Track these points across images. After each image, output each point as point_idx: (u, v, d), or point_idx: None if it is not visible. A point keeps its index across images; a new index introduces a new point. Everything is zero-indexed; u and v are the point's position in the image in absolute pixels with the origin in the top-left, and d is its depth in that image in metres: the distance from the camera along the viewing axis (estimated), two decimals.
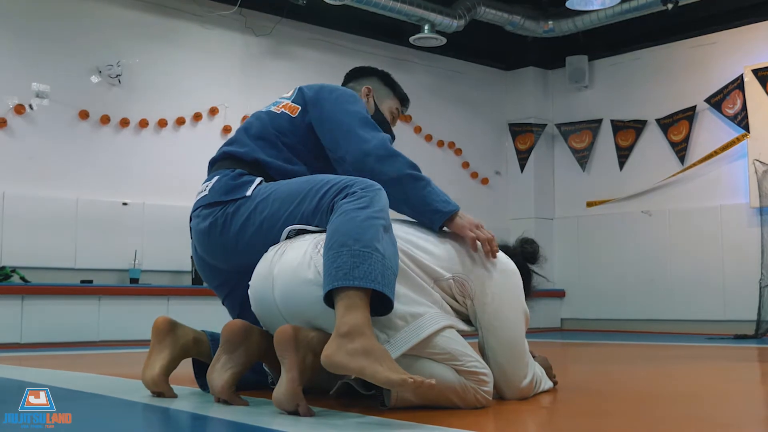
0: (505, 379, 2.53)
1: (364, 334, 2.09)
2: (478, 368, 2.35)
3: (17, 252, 6.36)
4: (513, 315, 2.56)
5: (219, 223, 2.63)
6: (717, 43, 8.42)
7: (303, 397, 2.18)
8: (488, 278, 2.53)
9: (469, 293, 2.49)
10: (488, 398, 2.37)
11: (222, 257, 2.68)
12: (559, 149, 9.63)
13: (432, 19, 8.05)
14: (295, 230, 2.49)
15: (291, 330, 2.20)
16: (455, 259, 2.51)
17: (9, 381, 3.32)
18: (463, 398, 2.32)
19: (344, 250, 2.19)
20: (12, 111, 6.53)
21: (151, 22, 7.32)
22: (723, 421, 2.29)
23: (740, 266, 7.91)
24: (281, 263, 2.38)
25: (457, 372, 2.32)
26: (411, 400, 2.28)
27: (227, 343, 2.42)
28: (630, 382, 3.39)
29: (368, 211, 2.29)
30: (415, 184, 2.59)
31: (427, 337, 2.28)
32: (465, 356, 2.34)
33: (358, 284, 2.13)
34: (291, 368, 2.18)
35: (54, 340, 6.07)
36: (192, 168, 7.35)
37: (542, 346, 6.26)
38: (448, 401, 2.32)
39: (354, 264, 2.15)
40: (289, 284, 2.32)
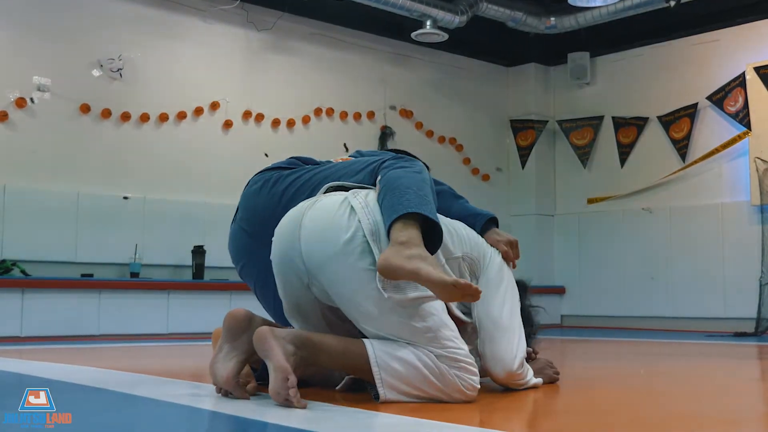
0: (497, 358, 2.55)
1: (419, 245, 2.26)
2: (460, 356, 2.35)
3: (18, 245, 6.36)
4: (510, 296, 2.63)
5: (271, 180, 2.75)
6: (719, 41, 8.41)
7: (293, 387, 2.18)
8: (492, 261, 2.63)
9: (476, 272, 2.59)
10: (474, 387, 2.36)
11: (261, 216, 2.71)
12: (561, 146, 9.62)
13: (434, 14, 8.04)
14: (334, 186, 2.57)
15: (267, 329, 2.26)
16: (466, 240, 2.60)
17: (9, 375, 3.32)
18: (444, 385, 2.32)
19: (410, 191, 2.37)
20: (13, 104, 6.53)
21: (153, 16, 7.31)
22: (723, 418, 2.29)
23: (741, 264, 7.91)
24: (313, 209, 2.43)
25: (438, 358, 2.32)
26: (401, 389, 2.30)
27: (229, 332, 2.43)
28: (630, 379, 3.39)
29: (422, 175, 2.51)
30: (456, 199, 2.92)
31: (419, 302, 2.31)
32: (449, 341, 2.35)
33: (426, 212, 2.32)
34: (277, 361, 2.20)
35: (54, 334, 6.07)
36: (193, 162, 7.37)
37: (542, 342, 6.26)
38: (432, 387, 2.32)
39: (420, 203, 2.34)
40: (319, 226, 2.38)
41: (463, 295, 2.24)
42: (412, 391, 2.32)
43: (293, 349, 2.25)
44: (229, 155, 7.45)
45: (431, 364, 2.31)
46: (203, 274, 6.90)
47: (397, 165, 2.55)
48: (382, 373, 2.29)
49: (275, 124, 7.87)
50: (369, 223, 2.35)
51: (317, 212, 2.41)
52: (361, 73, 8.57)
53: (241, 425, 2.04)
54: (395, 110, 8.77)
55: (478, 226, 2.74)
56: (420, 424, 2.03)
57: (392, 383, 2.29)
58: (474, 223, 2.74)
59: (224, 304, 6.46)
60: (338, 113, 8.31)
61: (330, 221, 2.37)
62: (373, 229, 2.34)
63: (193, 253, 6.94)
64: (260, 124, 7.79)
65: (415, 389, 2.32)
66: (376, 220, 2.36)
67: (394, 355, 2.30)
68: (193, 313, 6.57)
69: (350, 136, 8.33)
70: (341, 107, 8.34)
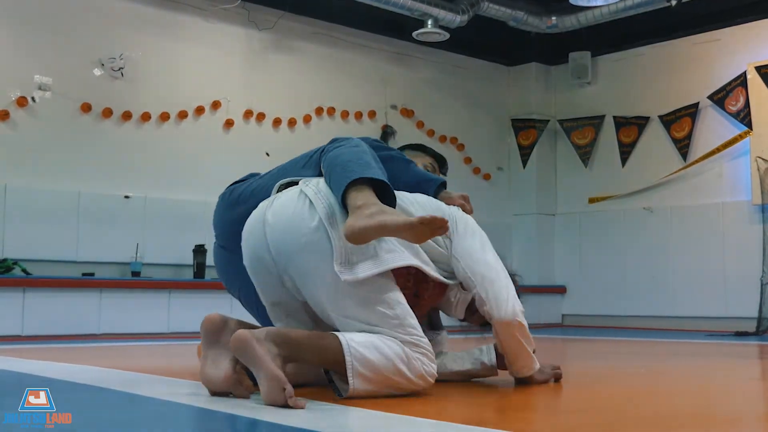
0: (501, 298, 2.65)
1: (376, 202, 2.36)
2: (423, 343, 2.43)
3: (19, 244, 6.37)
4: (487, 243, 2.73)
5: (227, 194, 2.96)
6: (720, 40, 8.40)
7: (291, 396, 2.18)
8: (456, 218, 2.72)
9: (449, 232, 2.66)
10: (433, 374, 2.44)
11: (228, 230, 2.85)
12: (562, 145, 9.62)
13: (435, 14, 8.03)
14: (285, 183, 2.65)
15: (246, 333, 2.27)
16: (426, 206, 2.69)
17: (10, 374, 3.32)
18: (410, 370, 2.38)
19: (351, 163, 2.47)
20: (14, 103, 6.53)
21: (154, 16, 7.31)
22: (723, 418, 2.29)
23: (741, 263, 7.91)
24: (273, 206, 2.52)
25: (404, 344, 2.39)
26: (371, 378, 2.33)
27: (206, 337, 2.50)
28: (630, 379, 3.39)
29: (360, 147, 2.61)
30: (406, 163, 2.90)
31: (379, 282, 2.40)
32: (413, 328, 2.43)
33: (370, 174, 2.41)
34: (268, 369, 2.21)
35: (55, 333, 6.07)
36: (194, 161, 7.37)
37: (543, 342, 6.27)
38: (399, 375, 2.36)
39: (363, 169, 2.44)
40: (282, 219, 2.46)
41: (433, 230, 2.32)
42: (381, 380, 2.35)
43: (276, 350, 2.27)
44: (230, 154, 7.45)
45: (400, 351, 2.37)
46: (204, 274, 6.90)
47: (333, 147, 2.66)
48: (354, 363, 2.32)
49: (276, 123, 7.87)
50: (324, 207, 2.43)
51: (278, 208, 2.50)
52: (362, 73, 8.57)
53: (242, 424, 2.04)
54: (396, 109, 8.77)
55: (431, 191, 2.84)
56: (421, 423, 2.03)
57: (363, 372, 2.32)
58: (426, 189, 2.83)
59: (225, 303, 6.44)
60: (339, 112, 8.31)
61: (292, 213, 2.46)
62: (329, 212, 2.42)
63: (194, 253, 6.94)
64: (261, 124, 7.80)
65: (383, 379, 2.35)
66: (329, 203, 2.44)
67: (367, 345, 2.34)
68: (194, 312, 6.52)
69: (351, 135, 8.29)
70: (342, 106, 8.34)
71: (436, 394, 2.75)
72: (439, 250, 2.66)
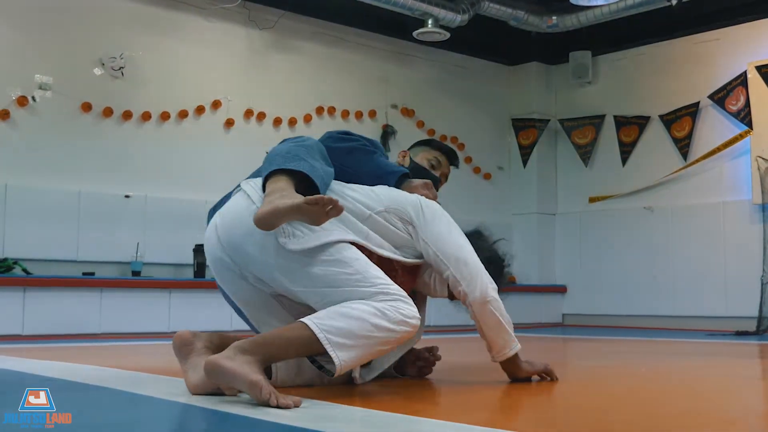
0: (475, 274, 2.69)
1: (280, 189, 2.44)
2: (392, 290, 2.46)
3: (19, 244, 6.37)
4: (453, 226, 2.79)
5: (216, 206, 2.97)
6: (721, 40, 8.40)
7: (270, 392, 2.18)
8: (420, 205, 2.76)
9: (407, 219, 2.72)
10: (415, 315, 2.46)
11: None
12: (562, 145, 9.62)
13: (435, 13, 8.03)
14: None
15: (214, 358, 2.28)
16: (385, 196, 2.75)
17: (10, 373, 3.32)
18: (389, 321, 2.39)
19: (278, 157, 2.57)
20: (15, 103, 6.53)
21: (155, 15, 7.31)
22: (724, 417, 2.29)
23: (742, 263, 7.91)
24: (221, 210, 2.70)
25: (372, 298, 2.42)
26: (351, 344, 2.34)
27: (179, 353, 2.58)
28: (631, 378, 3.39)
29: (302, 142, 2.70)
30: (369, 155, 2.93)
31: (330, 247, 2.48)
32: (377, 278, 2.47)
33: (288, 166, 2.52)
34: (245, 379, 2.21)
35: (55, 333, 6.07)
36: (194, 161, 7.37)
37: (544, 341, 6.27)
38: (379, 329, 2.38)
39: (284, 161, 2.55)
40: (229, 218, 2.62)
41: (326, 211, 2.37)
42: (363, 343, 2.36)
43: (249, 357, 2.28)
44: (230, 154, 7.45)
45: (368, 308, 2.39)
46: (205, 273, 6.90)
47: (279, 144, 2.76)
48: (328, 336, 2.33)
49: (277, 122, 7.87)
50: (259, 197, 2.56)
51: (225, 209, 2.68)
52: (363, 72, 8.57)
53: (242, 424, 2.04)
54: (397, 109, 8.77)
55: (393, 182, 2.88)
56: (422, 422, 2.03)
57: (341, 342, 2.33)
58: (388, 180, 2.88)
59: (225, 302, 6.46)
60: (340, 112, 8.31)
61: (235, 210, 2.62)
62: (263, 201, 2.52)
63: (194, 252, 6.94)
64: (262, 123, 7.80)
65: (364, 340, 2.36)
66: (262, 195, 2.53)
67: (333, 316, 2.37)
68: (195, 311, 6.56)
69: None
70: (343, 106, 8.35)
71: (437, 393, 2.75)
72: (401, 236, 2.72)
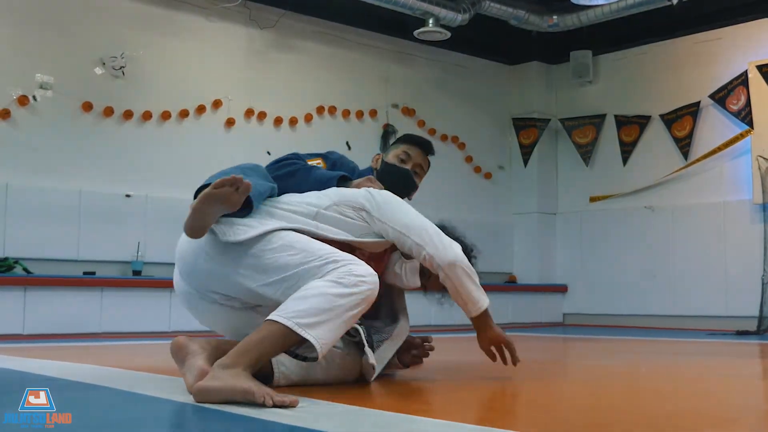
0: (445, 242, 2.79)
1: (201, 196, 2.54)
2: (339, 256, 2.53)
3: (20, 243, 6.37)
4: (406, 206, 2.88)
5: None
6: (721, 39, 8.40)
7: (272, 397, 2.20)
8: (371, 193, 2.87)
9: (359, 206, 2.81)
10: (370, 272, 2.52)
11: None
12: (563, 144, 9.62)
13: (436, 13, 8.03)
14: None
15: (200, 385, 2.31)
16: (334, 194, 2.87)
17: (11, 373, 3.32)
18: (346, 285, 2.45)
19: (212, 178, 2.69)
20: (15, 102, 6.53)
21: (156, 15, 7.31)
22: (724, 417, 2.29)
23: (743, 262, 7.91)
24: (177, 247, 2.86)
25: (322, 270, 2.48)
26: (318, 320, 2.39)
27: (176, 357, 2.63)
28: (631, 377, 3.40)
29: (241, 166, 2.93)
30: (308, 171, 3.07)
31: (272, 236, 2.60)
32: (321, 250, 2.56)
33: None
34: (244, 390, 2.24)
35: (56, 332, 6.08)
36: (195, 160, 7.36)
37: (544, 341, 6.27)
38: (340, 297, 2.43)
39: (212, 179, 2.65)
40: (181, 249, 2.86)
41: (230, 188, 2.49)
42: (331, 315, 2.41)
43: (235, 370, 2.32)
44: (231, 153, 7.42)
45: (321, 282, 2.46)
46: None
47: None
48: (296, 321, 2.38)
49: (278, 122, 7.87)
50: None
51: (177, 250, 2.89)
52: (364, 71, 8.57)
53: (243, 424, 2.04)
54: (398, 108, 8.77)
55: (334, 186, 3.00)
56: (423, 422, 2.03)
57: (310, 322, 2.38)
58: (330, 186, 3.00)
59: None
60: (341, 111, 8.31)
61: (181, 243, 2.84)
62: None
63: None
64: (262, 123, 7.80)
65: (331, 312, 2.41)
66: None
67: (294, 302, 2.42)
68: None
69: (353, 134, 8.33)
70: (344, 105, 8.35)
71: (436, 393, 2.75)
72: (357, 224, 2.79)
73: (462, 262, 2.80)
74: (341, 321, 2.44)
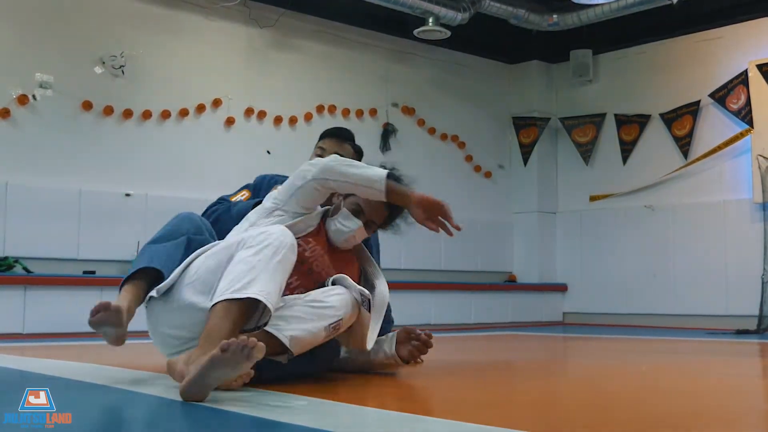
0: (311, 168, 2.90)
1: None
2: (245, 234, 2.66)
3: (20, 242, 6.37)
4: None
5: None
6: (721, 38, 8.40)
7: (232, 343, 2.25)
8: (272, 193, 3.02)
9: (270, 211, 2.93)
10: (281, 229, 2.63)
11: None
12: (563, 143, 9.61)
13: (436, 11, 8.03)
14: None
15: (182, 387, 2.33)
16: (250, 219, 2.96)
17: (11, 372, 3.32)
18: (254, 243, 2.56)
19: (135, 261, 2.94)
20: (15, 101, 6.53)
21: (155, 14, 7.31)
22: (724, 416, 2.29)
23: (743, 261, 7.91)
24: None
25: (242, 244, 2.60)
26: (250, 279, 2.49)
27: (171, 375, 2.70)
28: (631, 377, 3.40)
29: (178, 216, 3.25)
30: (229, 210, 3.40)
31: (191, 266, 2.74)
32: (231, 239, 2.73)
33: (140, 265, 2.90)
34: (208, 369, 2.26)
35: (56, 331, 6.07)
36: (195, 159, 7.37)
37: (544, 340, 6.27)
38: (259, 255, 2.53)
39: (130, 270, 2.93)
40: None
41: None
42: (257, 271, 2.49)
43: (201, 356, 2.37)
44: (231, 152, 7.45)
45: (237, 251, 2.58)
46: None
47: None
48: (228, 293, 2.47)
49: (277, 121, 7.87)
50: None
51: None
52: (364, 70, 8.57)
53: (244, 423, 2.04)
54: (397, 107, 8.77)
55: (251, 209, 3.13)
56: (423, 420, 2.03)
57: (242, 284, 2.48)
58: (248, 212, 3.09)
59: None
60: (340, 110, 8.31)
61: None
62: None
63: None
64: (262, 122, 7.79)
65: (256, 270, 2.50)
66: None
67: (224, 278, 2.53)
68: None
69: (352, 133, 8.31)
70: (343, 104, 8.34)
71: (437, 392, 2.75)
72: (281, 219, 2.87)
73: (336, 160, 2.89)
74: (270, 270, 2.51)
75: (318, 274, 2.83)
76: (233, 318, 2.47)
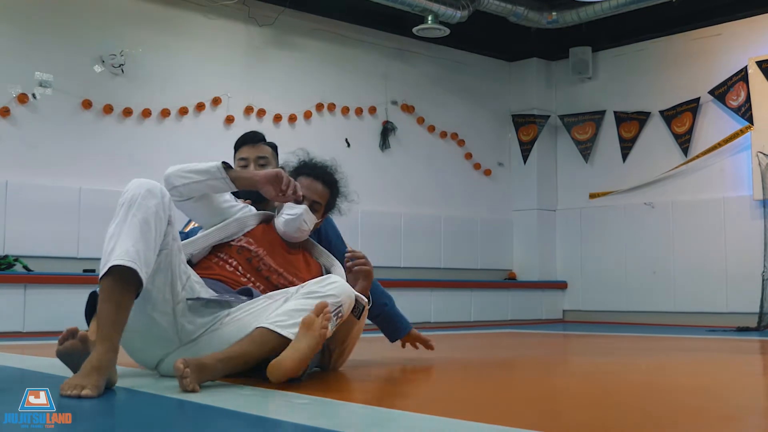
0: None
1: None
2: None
3: (20, 241, 6.37)
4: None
5: None
6: (721, 35, 8.40)
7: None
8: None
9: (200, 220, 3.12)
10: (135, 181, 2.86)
11: None
12: (562, 141, 9.61)
13: (435, 9, 8.02)
14: None
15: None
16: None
17: (11, 371, 3.32)
18: (116, 209, 2.70)
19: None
20: (15, 100, 6.53)
21: (155, 12, 7.31)
22: (724, 413, 2.29)
23: (743, 258, 7.91)
24: None
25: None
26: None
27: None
28: (631, 374, 3.40)
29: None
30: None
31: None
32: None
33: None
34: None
35: (56, 329, 6.02)
36: (195, 157, 7.33)
37: (544, 337, 6.27)
38: (114, 220, 2.73)
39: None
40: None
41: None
42: (117, 238, 2.67)
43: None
44: (231, 151, 7.41)
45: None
46: None
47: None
48: (102, 270, 2.63)
49: (277, 119, 7.87)
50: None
51: None
52: (363, 68, 8.57)
53: (244, 422, 2.04)
54: (397, 105, 8.77)
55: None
56: (423, 419, 2.03)
57: (103, 262, 2.63)
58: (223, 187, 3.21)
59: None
60: (340, 108, 8.31)
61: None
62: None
63: None
64: (262, 120, 7.79)
65: (115, 237, 2.68)
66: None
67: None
68: None
69: (352, 131, 8.33)
70: (343, 102, 8.34)
71: (436, 390, 2.75)
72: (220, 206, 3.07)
73: (173, 167, 3.07)
74: (126, 226, 2.62)
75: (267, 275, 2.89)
76: (110, 298, 2.58)
